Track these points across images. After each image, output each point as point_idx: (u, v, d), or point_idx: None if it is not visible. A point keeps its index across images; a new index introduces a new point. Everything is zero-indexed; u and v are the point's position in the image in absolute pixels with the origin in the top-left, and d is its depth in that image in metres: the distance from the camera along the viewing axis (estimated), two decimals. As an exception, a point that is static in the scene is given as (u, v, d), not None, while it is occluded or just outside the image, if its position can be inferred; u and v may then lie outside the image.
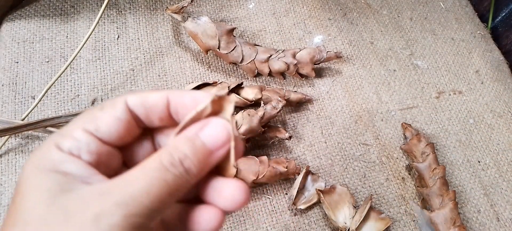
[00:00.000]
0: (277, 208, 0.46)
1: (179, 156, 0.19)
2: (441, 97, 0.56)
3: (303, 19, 0.60)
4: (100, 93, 0.51)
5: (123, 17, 0.57)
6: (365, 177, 0.49)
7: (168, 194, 0.18)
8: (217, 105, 0.21)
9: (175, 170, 0.19)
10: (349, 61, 0.57)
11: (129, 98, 0.21)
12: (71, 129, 0.20)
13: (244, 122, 0.44)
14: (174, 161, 0.19)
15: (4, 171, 0.46)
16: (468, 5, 0.65)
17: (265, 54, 0.52)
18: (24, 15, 0.55)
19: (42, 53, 0.53)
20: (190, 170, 0.19)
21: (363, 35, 0.60)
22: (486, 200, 0.49)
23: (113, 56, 0.54)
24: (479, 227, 0.48)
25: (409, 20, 0.62)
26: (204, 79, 0.54)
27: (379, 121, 0.53)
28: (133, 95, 0.21)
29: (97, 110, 0.20)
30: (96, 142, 0.20)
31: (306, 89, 0.54)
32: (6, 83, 0.50)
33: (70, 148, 0.19)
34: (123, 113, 0.20)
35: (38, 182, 0.18)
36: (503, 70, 0.59)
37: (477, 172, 0.51)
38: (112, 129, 0.20)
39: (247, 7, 0.60)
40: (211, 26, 0.50)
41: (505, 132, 0.54)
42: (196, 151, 0.20)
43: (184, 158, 0.19)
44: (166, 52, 0.55)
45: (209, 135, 0.20)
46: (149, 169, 0.19)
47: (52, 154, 0.19)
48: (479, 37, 0.62)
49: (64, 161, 0.19)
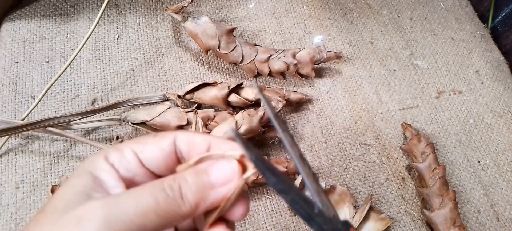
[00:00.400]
0: (277, 208, 0.46)
1: (180, 181, 0.20)
2: (441, 97, 0.56)
3: (303, 19, 0.60)
4: (100, 93, 0.51)
5: (123, 17, 0.57)
6: (365, 177, 0.49)
7: (154, 212, 0.19)
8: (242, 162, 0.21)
9: (170, 192, 0.19)
10: (349, 61, 0.57)
11: (179, 135, 0.22)
12: (124, 145, 0.22)
13: (244, 122, 0.44)
14: (173, 184, 0.20)
15: (4, 171, 0.46)
16: (468, 5, 0.65)
17: (265, 54, 0.52)
18: (24, 15, 0.55)
19: (42, 53, 0.53)
20: (185, 195, 0.20)
21: (363, 35, 0.60)
22: (486, 200, 0.49)
23: (113, 56, 0.54)
24: (479, 227, 0.48)
25: (409, 20, 0.62)
26: (204, 79, 0.54)
27: (379, 121, 0.53)
28: (183, 133, 0.23)
29: (150, 137, 0.22)
30: (136, 162, 0.21)
31: (306, 89, 0.54)
32: (6, 83, 0.50)
33: (114, 161, 0.21)
34: (168, 146, 0.22)
35: (74, 181, 0.20)
36: (503, 70, 0.59)
37: (477, 172, 0.51)
38: (153, 155, 0.22)
39: (247, 7, 0.60)
40: (211, 26, 0.50)
41: (505, 132, 0.54)
42: (197, 180, 0.20)
43: (183, 183, 0.20)
44: (166, 52, 0.55)
45: (215, 169, 0.21)
46: (149, 186, 0.20)
47: (98, 161, 0.21)
48: (479, 37, 0.62)
49: (102, 169, 0.21)
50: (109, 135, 0.48)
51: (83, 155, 0.47)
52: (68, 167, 0.46)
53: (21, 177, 0.45)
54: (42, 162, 0.46)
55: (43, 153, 0.47)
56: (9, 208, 0.44)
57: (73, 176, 0.20)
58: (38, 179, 0.45)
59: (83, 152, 0.47)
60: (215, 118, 0.46)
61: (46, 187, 0.45)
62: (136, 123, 0.46)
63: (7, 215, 0.43)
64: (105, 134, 0.49)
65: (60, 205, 0.19)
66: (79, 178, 0.20)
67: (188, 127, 0.45)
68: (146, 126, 0.46)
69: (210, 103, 0.48)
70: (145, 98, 0.48)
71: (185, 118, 0.45)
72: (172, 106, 0.46)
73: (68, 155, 0.47)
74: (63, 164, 0.46)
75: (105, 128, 0.49)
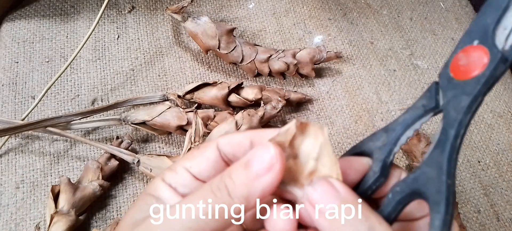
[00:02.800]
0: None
1: (226, 179, 0.20)
2: (441, 97, 0.56)
3: (303, 19, 0.60)
4: (100, 93, 0.51)
5: (123, 17, 0.57)
6: (365, 177, 0.49)
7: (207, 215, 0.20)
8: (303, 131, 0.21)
9: (218, 193, 0.20)
10: (349, 61, 0.57)
11: (219, 140, 0.23)
12: (176, 165, 0.23)
13: (244, 122, 0.44)
14: (219, 184, 0.20)
15: (4, 171, 0.46)
16: (468, 5, 0.65)
17: (265, 54, 0.52)
18: (24, 15, 0.55)
19: (42, 53, 0.53)
20: (233, 192, 0.20)
21: (363, 35, 0.60)
22: (486, 200, 0.49)
23: (113, 56, 0.54)
24: (479, 227, 0.48)
25: (409, 20, 0.62)
26: (204, 79, 0.54)
27: (379, 121, 0.53)
28: (223, 137, 0.23)
29: (195, 151, 0.24)
30: (190, 177, 0.23)
31: (306, 89, 0.54)
32: (6, 83, 0.50)
33: (170, 181, 0.23)
34: (212, 154, 0.23)
35: (139, 203, 0.23)
36: (503, 70, 0.59)
37: (477, 172, 0.51)
38: (202, 167, 0.23)
39: (247, 7, 0.60)
40: (211, 26, 0.50)
41: (505, 132, 0.54)
42: (240, 175, 0.20)
43: (228, 181, 0.20)
44: (166, 52, 0.55)
45: (255, 159, 0.20)
46: (199, 191, 0.21)
47: (156, 183, 0.23)
48: (479, 37, 0.62)
49: (161, 189, 0.23)
50: (109, 135, 0.48)
51: (83, 155, 0.47)
52: (68, 167, 0.46)
53: (21, 177, 0.45)
54: (42, 162, 0.46)
55: (43, 153, 0.47)
56: (9, 208, 0.44)
57: (138, 200, 0.23)
58: (38, 179, 0.45)
59: (83, 152, 0.47)
60: (215, 118, 0.46)
61: (46, 187, 0.45)
62: (136, 123, 0.46)
63: (7, 215, 0.43)
64: (105, 134, 0.49)
65: (130, 222, 0.22)
66: (143, 200, 0.22)
67: (188, 126, 0.45)
68: (146, 126, 0.46)
69: (210, 103, 0.48)
70: (145, 98, 0.48)
71: (185, 117, 0.45)
72: (172, 106, 0.46)
73: (68, 155, 0.47)
74: (63, 164, 0.46)
75: (105, 128, 0.49)
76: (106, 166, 0.44)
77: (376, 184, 0.22)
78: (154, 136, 0.49)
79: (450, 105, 0.20)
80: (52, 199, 0.40)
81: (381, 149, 0.22)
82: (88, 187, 0.42)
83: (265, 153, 0.20)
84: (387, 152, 0.22)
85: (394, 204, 0.21)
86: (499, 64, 0.19)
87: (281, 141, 0.21)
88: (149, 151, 0.48)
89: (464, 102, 0.19)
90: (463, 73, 0.20)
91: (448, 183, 0.19)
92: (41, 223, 0.43)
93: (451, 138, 0.19)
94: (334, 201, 0.20)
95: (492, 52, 0.19)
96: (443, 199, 0.19)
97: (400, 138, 0.22)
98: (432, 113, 0.22)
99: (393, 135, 0.22)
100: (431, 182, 0.19)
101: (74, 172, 0.46)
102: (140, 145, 0.48)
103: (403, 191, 0.21)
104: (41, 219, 0.43)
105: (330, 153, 0.21)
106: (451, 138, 0.19)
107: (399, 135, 0.22)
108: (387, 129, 0.23)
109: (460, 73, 0.20)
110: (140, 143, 0.48)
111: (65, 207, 0.40)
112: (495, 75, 0.19)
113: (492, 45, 0.19)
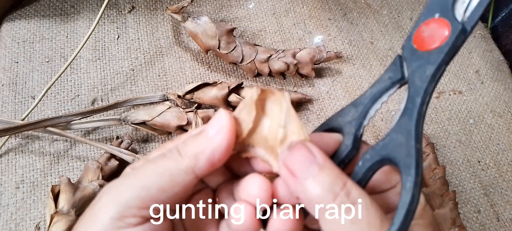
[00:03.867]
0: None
1: (178, 143, 0.21)
2: (441, 97, 0.56)
3: (303, 19, 0.60)
4: (100, 93, 0.51)
5: (123, 17, 0.57)
6: (365, 177, 0.49)
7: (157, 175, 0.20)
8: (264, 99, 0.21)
9: (168, 153, 0.21)
10: (349, 61, 0.57)
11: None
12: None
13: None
14: (171, 147, 0.21)
15: (4, 171, 0.46)
16: (468, 5, 0.65)
17: (265, 54, 0.52)
18: (24, 15, 0.55)
19: (42, 53, 0.53)
20: (182, 151, 0.21)
21: (363, 35, 0.60)
22: (486, 200, 0.49)
23: (113, 56, 0.54)
24: (479, 227, 0.48)
25: (409, 20, 0.62)
26: (204, 79, 0.54)
27: (379, 121, 0.53)
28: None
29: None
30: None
31: (306, 89, 0.54)
32: (6, 83, 0.50)
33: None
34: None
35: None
36: (503, 70, 0.59)
37: (477, 172, 0.51)
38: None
39: (247, 7, 0.60)
40: (211, 26, 0.50)
41: (505, 132, 0.54)
42: (192, 137, 0.21)
43: (180, 143, 0.21)
44: (166, 52, 0.55)
45: (208, 125, 0.21)
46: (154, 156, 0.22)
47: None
48: (479, 37, 0.62)
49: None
50: (109, 135, 0.48)
51: (83, 155, 0.47)
52: (68, 167, 0.46)
53: (21, 177, 0.45)
54: (42, 162, 0.46)
55: (43, 153, 0.47)
56: (9, 208, 0.44)
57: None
58: (38, 179, 0.45)
59: (83, 152, 0.47)
60: (215, 117, 0.46)
61: (46, 187, 0.45)
62: (136, 123, 0.46)
63: (7, 215, 0.43)
64: (105, 134, 0.49)
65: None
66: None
67: (188, 126, 0.45)
68: (146, 126, 0.46)
69: (210, 103, 0.48)
70: (145, 98, 0.48)
71: (185, 117, 0.45)
72: (172, 106, 0.46)
73: (68, 155, 0.47)
74: (63, 164, 0.46)
75: (105, 128, 0.49)
76: (106, 166, 0.44)
77: (349, 157, 0.23)
78: (154, 136, 0.49)
79: (416, 75, 0.21)
80: (52, 199, 0.40)
81: (351, 123, 0.23)
82: (88, 187, 0.42)
83: (217, 118, 0.21)
84: (357, 126, 0.23)
85: (365, 170, 0.21)
86: (460, 35, 0.20)
87: (246, 108, 0.21)
88: (149, 151, 0.48)
89: (429, 71, 0.20)
90: (427, 45, 0.21)
91: (417, 147, 0.20)
92: (41, 223, 0.43)
93: (418, 105, 0.20)
94: (313, 166, 0.20)
95: (452, 24, 0.20)
96: (413, 162, 0.20)
97: (369, 111, 0.23)
98: (398, 85, 0.22)
99: (362, 109, 0.23)
100: (400, 147, 0.20)
101: (74, 172, 0.46)
102: (140, 145, 0.48)
103: (373, 158, 0.21)
104: (41, 219, 0.43)
105: (295, 117, 0.21)
106: (417, 105, 0.20)
107: (368, 108, 0.23)
108: (355, 103, 0.23)
109: (424, 44, 0.21)
110: (140, 143, 0.48)
111: (65, 207, 0.40)
112: (457, 45, 0.20)
113: (452, 18, 0.20)
